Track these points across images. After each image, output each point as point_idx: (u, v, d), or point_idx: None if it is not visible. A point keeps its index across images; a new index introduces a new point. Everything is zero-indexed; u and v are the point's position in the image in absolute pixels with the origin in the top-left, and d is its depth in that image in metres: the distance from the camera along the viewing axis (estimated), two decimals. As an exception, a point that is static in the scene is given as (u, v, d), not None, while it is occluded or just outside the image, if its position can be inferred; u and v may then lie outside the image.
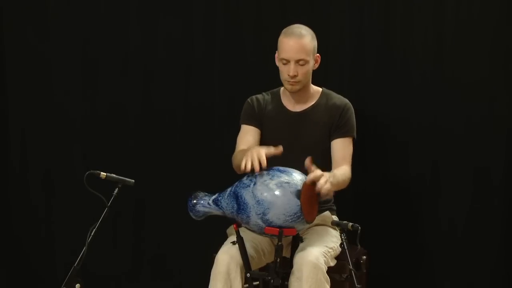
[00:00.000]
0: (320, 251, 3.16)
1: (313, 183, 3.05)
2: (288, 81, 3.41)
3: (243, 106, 3.58)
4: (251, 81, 4.03)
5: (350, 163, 3.46)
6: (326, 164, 3.45)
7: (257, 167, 3.05)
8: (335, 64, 3.98)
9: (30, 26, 4.30)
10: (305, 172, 3.14)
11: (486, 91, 3.84)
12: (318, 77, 3.57)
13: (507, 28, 3.79)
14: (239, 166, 3.28)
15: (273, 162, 3.15)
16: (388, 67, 3.95)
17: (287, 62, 3.39)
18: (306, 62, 3.39)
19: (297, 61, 3.37)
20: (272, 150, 3.13)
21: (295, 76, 3.38)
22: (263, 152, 3.09)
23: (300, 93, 3.49)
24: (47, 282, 4.33)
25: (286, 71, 3.40)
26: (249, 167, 3.06)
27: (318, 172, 3.05)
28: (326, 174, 3.10)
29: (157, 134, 4.24)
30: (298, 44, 3.37)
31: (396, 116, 3.96)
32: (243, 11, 4.12)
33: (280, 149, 3.14)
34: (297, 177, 3.07)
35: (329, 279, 3.13)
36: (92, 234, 3.15)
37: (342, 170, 3.37)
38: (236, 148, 3.51)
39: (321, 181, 3.02)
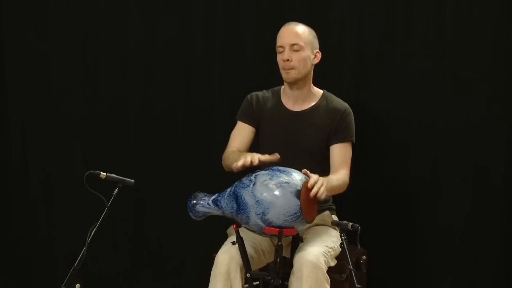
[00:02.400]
0: (320, 251, 3.16)
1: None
2: (283, 68, 3.42)
3: (242, 102, 3.59)
4: (251, 81, 4.03)
5: (349, 167, 3.46)
6: (323, 166, 3.44)
7: (248, 162, 3.06)
8: (335, 64, 3.98)
9: (30, 26, 4.30)
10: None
11: (486, 91, 3.84)
12: (318, 77, 3.57)
13: (507, 27, 3.79)
14: (228, 166, 3.29)
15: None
16: (388, 67, 3.95)
17: (282, 49, 3.42)
18: (301, 48, 3.41)
19: (291, 46, 3.40)
20: (267, 156, 3.13)
21: (288, 60, 3.39)
22: (257, 156, 3.11)
23: (300, 91, 3.49)
24: (47, 282, 4.33)
25: (281, 58, 3.42)
26: (239, 164, 3.07)
27: (314, 177, 3.06)
28: (322, 178, 3.10)
29: (157, 134, 4.24)
30: (291, 30, 3.43)
31: (396, 116, 3.96)
32: (243, 11, 4.12)
33: (276, 156, 3.14)
34: (296, 177, 3.07)
35: (329, 279, 3.13)
36: (92, 234, 3.15)
37: (338, 175, 3.37)
38: (228, 144, 3.52)
39: (318, 184, 3.03)
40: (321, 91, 3.55)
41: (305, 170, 3.09)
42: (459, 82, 3.86)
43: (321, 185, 3.05)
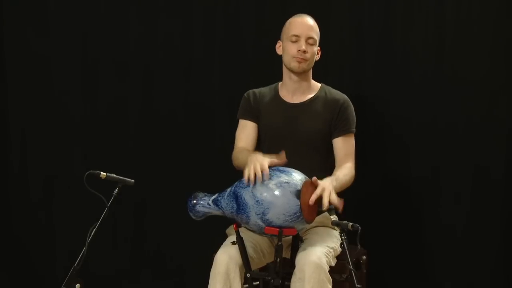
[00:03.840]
0: (322, 251, 3.15)
1: (313, 184, 3.07)
2: (296, 57, 3.44)
3: (241, 101, 3.59)
4: (251, 81, 4.02)
5: (353, 158, 3.47)
6: (324, 156, 3.46)
7: (260, 178, 3.03)
8: (335, 64, 3.99)
9: (30, 26, 4.30)
10: (303, 168, 3.14)
11: (486, 91, 3.84)
12: (318, 76, 3.57)
13: (507, 27, 3.79)
14: (239, 166, 3.29)
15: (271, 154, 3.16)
16: (388, 67, 3.96)
17: (297, 39, 3.44)
18: (315, 42, 3.47)
19: (307, 39, 3.44)
20: (275, 160, 3.12)
21: (305, 52, 3.41)
22: (266, 162, 3.08)
23: (300, 83, 3.50)
24: (47, 282, 4.33)
25: (296, 47, 3.44)
26: (252, 178, 3.05)
27: (320, 187, 3.05)
28: (329, 181, 3.10)
29: (157, 134, 4.24)
30: (308, 22, 3.49)
31: (396, 115, 3.96)
32: (243, 11, 4.12)
33: (283, 158, 3.13)
34: (296, 177, 3.06)
35: (331, 279, 3.12)
36: (92, 234, 3.15)
37: (345, 170, 3.38)
38: (235, 144, 3.52)
39: (326, 193, 3.03)
40: (319, 84, 3.57)
41: (315, 178, 3.08)
42: (459, 81, 3.86)
43: (328, 194, 3.04)
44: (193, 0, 4.18)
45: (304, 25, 3.47)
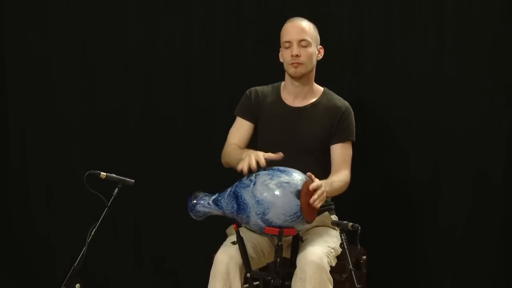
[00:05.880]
0: (323, 251, 3.15)
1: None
2: (291, 63, 3.42)
3: (242, 98, 3.59)
4: (251, 81, 4.02)
5: (350, 167, 3.46)
6: (322, 162, 3.45)
7: (254, 166, 3.05)
8: (335, 64, 3.98)
9: (30, 26, 4.30)
10: (302, 169, 3.14)
11: (486, 91, 3.84)
12: (318, 77, 3.57)
13: (507, 28, 3.79)
14: (230, 163, 3.29)
15: None
16: (388, 67, 3.96)
17: (289, 45, 3.42)
18: (309, 44, 3.42)
19: (299, 42, 3.41)
20: (271, 155, 3.13)
21: (297, 56, 3.40)
22: (262, 155, 3.10)
23: (302, 87, 3.49)
24: (47, 282, 4.33)
25: (289, 53, 3.42)
26: (246, 170, 3.06)
27: (317, 182, 3.07)
28: (323, 183, 3.12)
29: (157, 134, 4.24)
30: (299, 25, 3.44)
31: (396, 116, 3.96)
32: (243, 11, 4.12)
33: (280, 155, 3.14)
34: (297, 177, 3.07)
35: (332, 280, 3.12)
36: (92, 234, 3.15)
37: (340, 176, 3.38)
38: (228, 139, 3.52)
39: (318, 192, 3.06)
40: (321, 88, 3.56)
41: (309, 173, 3.09)
42: (459, 82, 3.86)
43: (321, 193, 3.07)
44: (193, 0, 4.18)
45: (294, 29, 3.44)
